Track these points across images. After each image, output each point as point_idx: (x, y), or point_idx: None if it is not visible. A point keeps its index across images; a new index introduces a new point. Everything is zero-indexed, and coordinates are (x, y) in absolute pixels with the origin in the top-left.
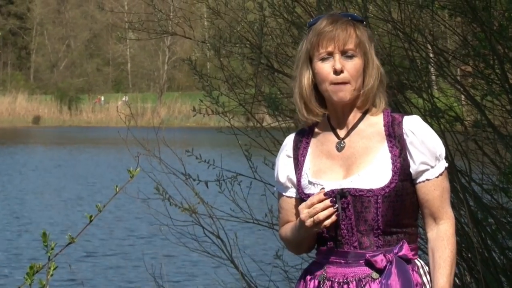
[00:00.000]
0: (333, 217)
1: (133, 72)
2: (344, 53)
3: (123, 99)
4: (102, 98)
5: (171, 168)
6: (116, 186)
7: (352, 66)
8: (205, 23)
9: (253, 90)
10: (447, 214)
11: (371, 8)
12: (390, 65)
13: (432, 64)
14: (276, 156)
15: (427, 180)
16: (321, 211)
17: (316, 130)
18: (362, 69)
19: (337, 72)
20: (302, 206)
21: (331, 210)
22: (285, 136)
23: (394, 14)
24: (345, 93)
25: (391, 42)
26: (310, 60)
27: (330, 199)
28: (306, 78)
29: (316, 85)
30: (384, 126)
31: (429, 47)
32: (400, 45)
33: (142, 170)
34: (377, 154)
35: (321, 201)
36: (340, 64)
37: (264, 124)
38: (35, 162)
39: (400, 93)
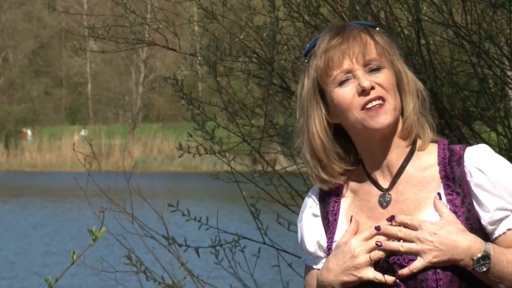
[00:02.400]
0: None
1: (95, 96)
2: (367, 67)
3: (82, 133)
4: (29, 132)
5: (148, 229)
6: (73, 253)
7: (383, 78)
8: (196, 29)
9: (262, 120)
10: None
11: (425, 8)
12: (452, 86)
13: (511, 85)
14: (294, 211)
15: (509, 230)
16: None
17: (349, 180)
18: (394, 83)
19: (365, 92)
20: (355, 238)
21: (382, 253)
22: (306, 185)
23: (457, 17)
24: (385, 116)
25: (452, 54)
26: (321, 94)
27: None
28: (317, 121)
29: (334, 132)
30: (439, 164)
31: (506, 61)
32: (466, 58)
33: (108, 231)
34: (431, 206)
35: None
36: (367, 80)
37: (277, 168)
38: None
39: (466, 125)
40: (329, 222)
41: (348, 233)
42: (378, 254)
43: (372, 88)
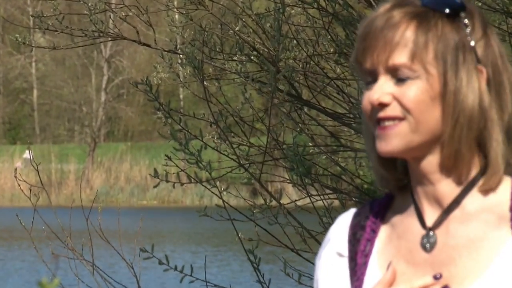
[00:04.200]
0: None
1: (43, 107)
2: (392, 72)
3: (25, 156)
4: None
5: (113, 282)
6: None
7: (408, 92)
8: (176, 18)
9: (264, 139)
10: None
11: None
12: None
13: None
14: (307, 258)
15: None
16: None
17: (392, 208)
18: (434, 98)
19: (374, 107)
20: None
21: None
22: (322, 223)
23: None
24: (392, 140)
25: None
26: None
27: None
28: None
29: None
30: None
31: None
32: None
33: (61, 285)
34: (496, 258)
35: None
36: (378, 92)
37: (284, 201)
38: None
39: None
40: (356, 266)
41: (382, 284)
42: None
43: (382, 104)
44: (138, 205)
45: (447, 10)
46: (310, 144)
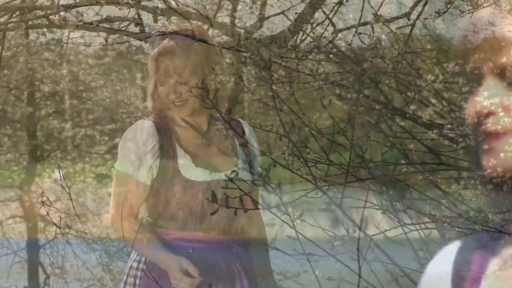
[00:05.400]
0: None
1: (76, 116)
2: (501, 74)
3: (55, 176)
4: None
5: None
6: None
7: None
8: (238, 8)
9: (347, 156)
10: None
11: None
12: None
13: None
14: None
15: None
16: None
17: (505, 238)
18: None
19: (480, 116)
20: None
21: None
22: (418, 260)
23: None
24: (497, 156)
25: None
26: None
27: None
28: None
29: None
30: None
31: None
32: None
33: None
34: None
35: None
36: (484, 98)
37: (371, 232)
38: None
39: None
40: None
41: None
42: None
43: (493, 113)
44: (193, 236)
45: None
46: (403, 161)
